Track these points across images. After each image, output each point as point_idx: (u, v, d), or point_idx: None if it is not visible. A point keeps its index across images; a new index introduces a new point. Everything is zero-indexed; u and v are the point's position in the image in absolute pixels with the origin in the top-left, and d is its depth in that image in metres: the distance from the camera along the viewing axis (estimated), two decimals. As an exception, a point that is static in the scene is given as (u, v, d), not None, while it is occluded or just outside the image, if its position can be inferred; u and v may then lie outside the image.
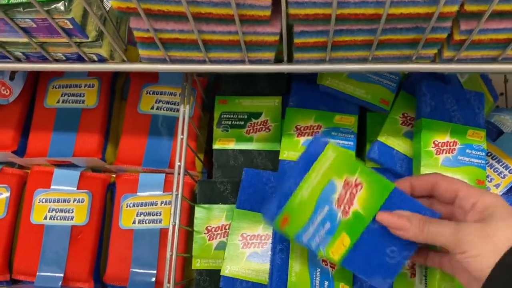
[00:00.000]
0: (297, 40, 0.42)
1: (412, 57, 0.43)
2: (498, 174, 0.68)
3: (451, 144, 0.58)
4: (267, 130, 0.67)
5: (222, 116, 0.68)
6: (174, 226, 0.51)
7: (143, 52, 0.45)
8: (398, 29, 0.40)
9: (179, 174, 0.52)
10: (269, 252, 0.56)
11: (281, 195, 0.47)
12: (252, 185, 0.60)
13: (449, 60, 0.43)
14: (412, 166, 0.61)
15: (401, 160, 0.62)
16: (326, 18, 0.38)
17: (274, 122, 0.67)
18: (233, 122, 0.68)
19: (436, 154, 0.58)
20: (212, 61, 0.46)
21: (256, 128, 0.68)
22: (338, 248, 0.46)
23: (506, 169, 0.68)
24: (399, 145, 0.62)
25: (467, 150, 0.59)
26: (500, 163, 0.69)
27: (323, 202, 0.46)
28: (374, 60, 0.44)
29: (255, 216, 0.59)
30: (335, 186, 0.46)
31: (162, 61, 0.46)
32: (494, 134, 0.72)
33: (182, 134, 0.53)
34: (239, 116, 0.68)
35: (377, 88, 0.64)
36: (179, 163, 0.52)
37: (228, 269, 0.57)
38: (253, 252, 0.57)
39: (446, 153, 0.58)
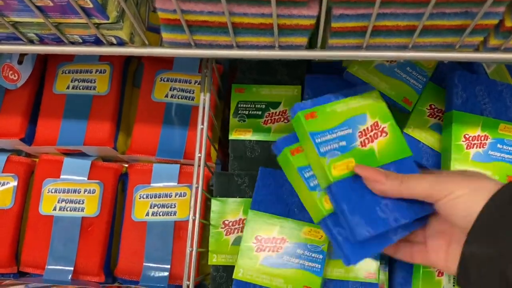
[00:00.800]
0: (334, 24, 0.39)
1: (456, 45, 0.40)
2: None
3: (482, 138, 0.56)
4: (286, 121, 0.65)
5: (239, 106, 0.65)
6: (194, 220, 0.49)
7: (166, 36, 0.42)
8: (446, 14, 0.37)
9: (199, 166, 0.50)
10: (284, 257, 0.54)
11: (319, 99, 0.49)
12: (267, 185, 0.57)
13: (495, 49, 0.41)
14: (439, 160, 0.59)
15: (427, 153, 0.59)
16: (369, 1, 0.36)
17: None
18: (250, 112, 0.65)
19: (466, 149, 0.55)
20: (240, 47, 0.43)
21: (274, 119, 0.65)
22: (341, 167, 0.46)
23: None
24: (426, 138, 0.60)
25: (498, 145, 0.56)
26: None
27: (349, 124, 0.48)
28: (414, 48, 0.41)
29: (270, 218, 0.55)
30: (366, 120, 0.49)
31: (186, 45, 0.43)
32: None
33: (203, 123, 0.51)
34: (256, 106, 0.65)
35: (403, 86, 0.61)
36: (199, 155, 0.50)
37: (241, 273, 0.54)
38: (267, 256, 0.54)
39: (477, 147, 0.55)
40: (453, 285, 0.54)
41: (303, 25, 0.39)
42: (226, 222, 0.59)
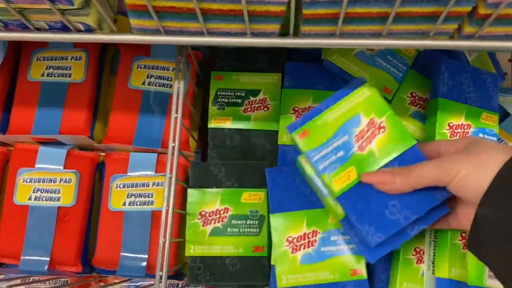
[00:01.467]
0: (305, 11, 0.38)
1: (430, 33, 0.40)
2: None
3: (465, 127, 0.55)
4: (266, 109, 0.64)
5: (218, 93, 0.64)
6: (167, 210, 0.48)
7: (134, 22, 0.40)
8: (418, 1, 0.36)
9: (173, 154, 0.49)
10: (321, 249, 0.52)
11: (308, 114, 0.49)
12: (278, 184, 0.55)
13: (470, 37, 0.40)
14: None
15: None
16: (340, -13, 0.35)
17: (273, 100, 0.64)
18: (229, 100, 0.64)
19: (450, 137, 0.55)
20: (211, 33, 0.42)
21: (254, 107, 0.64)
22: (342, 179, 0.46)
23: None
24: (406, 126, 0.59)
25: (480, 134, 0.56)
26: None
27: (343, 131, 0.47)
28: (388, 36, 0.40)
29: (294, 215, 0.54)
30: (360, 121, 0.47)
31: (156, 32, 0.42)
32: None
33: (177, 112, 0.49)
34: (236, 94, 0.64)
35: (383, 74, 0.60)
36: (173, 144, 0.49)
37: (285, 280, 0.52)
38: (305, 253, 0.52)
39: (460, 136, 0.55)
40: (433, 272, 0.54)
41: (274, 12, 0.38)
42: (203, 212, 0.58)
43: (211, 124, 0.63)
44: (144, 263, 0.60)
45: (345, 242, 0.52)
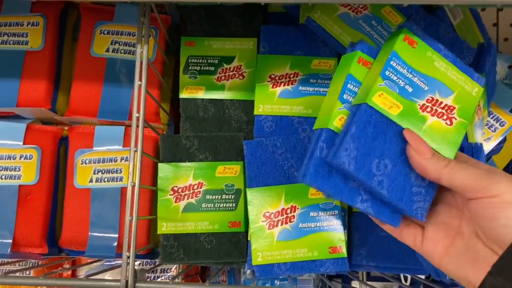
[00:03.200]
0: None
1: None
2: (489, 128, 0.63)
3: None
4: (241, 77, 0.60)
5: (190, 61, 0.60)
6: (133, 186, 0.44)
7: (84, -25, 0.36)
8: None
9: (137, 126, 0.45)
10: (300, 225, 0.49)
11: (431, 40, 0.43)
12: (257, 157, 0.52)
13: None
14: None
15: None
16: None
17: (248, 67, 0.60)
18: (202, 68, 0.60)
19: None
20: (173, -12, 0.37)
21: (229, 75, 0.60)
22: (385, 101, 0.41)
23: (497, 122, 0.63)
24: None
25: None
26: (491, 115, 0.64)
27: (430, 82, 0.42)
28: (369, -11, 0.36)
29: (272, 190, 0.51)
30: (448, 95, 0.43)
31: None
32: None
33: (140, 79, 0.45)
34: (208, 61, 0.60)
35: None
36: (137, 114, 0.45)
37: (260, 256, 0.49)
38: (282, 230, 0.50)
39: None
40: None
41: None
42: (175, 188, 0.54)
43: (183, 94, 0.59)
44: (115, 243, 0.57)
45: (324, 218, 0.49)
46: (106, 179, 0.58)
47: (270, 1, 0.37)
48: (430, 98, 0.42)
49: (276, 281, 0.79)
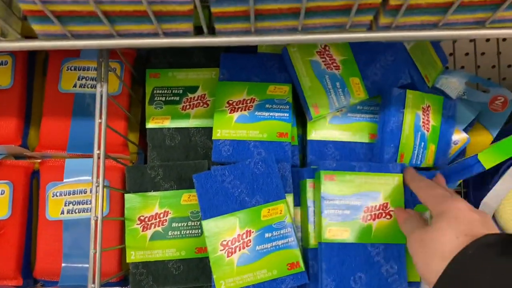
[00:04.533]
0: (214, 9, 0.36)
1: (346, 26, 0.39)
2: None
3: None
4: (205, 106, 0.62)
5: (155, 92, 0.62)
6: (96, 220, 0.46)
7: (37, 27, 0.38)
8: (326, -5, 0.35)
9: (98, 159, 0.47)
10: (257, 248, 0.51)
11: (345, 164, 0.54)
12: (208, 189, 0.54)
13: (387, 28, 0.39)
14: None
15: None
16: (243, -16, 0.33)
17: (212, 96, 0.62)
18: (167, 98, 0.62)
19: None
20: (121, 35, 0.40)
21: (193, 104, 0.62)
22: (336, 233, 0.52)
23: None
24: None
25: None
26: None
27: (361, 197, 0.53)
28: (305, 30, 0.39)
29: (226, 218, 0.52)
30: (377, 199, 0.53)
31: (63, 36, 0.39)
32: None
33: (100, 117, 0.47)
34: (173, 91, 0.63)
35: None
36: (98, 151, 0.47)
37: (223, 285, 0.50)
38: (241, 255, 0.51)
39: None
40: None
41: (182, 11, 0.36)
42: (142, 217, 0.56)
43: (149, 124, 0.61)
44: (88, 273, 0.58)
45: (279, 237, 0.51)
46: (77, 211, 0.59)
47: (209, 45, 0.39)
48: (366, 208, 0.53)
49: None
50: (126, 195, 0.56)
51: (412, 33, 0.39)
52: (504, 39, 0.93)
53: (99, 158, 0.47)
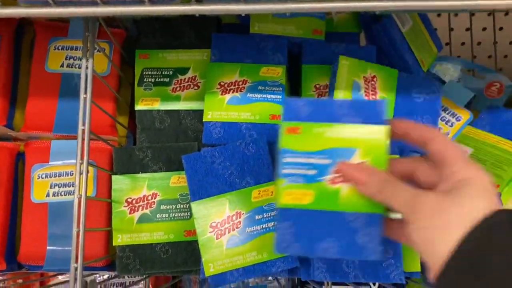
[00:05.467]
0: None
1: (339, -6, 0.37)
2: (446, 123, 0.65)
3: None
4: (196, 88, 0.61)
5: (144, 73, 0.61)
6: (79, 198, 0.45)
7: (17, -8, 0.37)
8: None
9: (83, 139, 0.45)
10: (247, 229, 0.50)
11: (313, 114, 0.41)
12: (197, 170, 0.53)
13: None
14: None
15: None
16: None
17: (203, 78, 0.61)
18: (157, 80, 0.61)
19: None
20: (106, 3, 0.38)
21: (184, 86, 0.61)
22: (295, 196, 0.41)
23: (453, 117, 0.66)
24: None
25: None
26: (447, 112, 0.66)
27: (331, 154, 0.41)
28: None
29: (215, 199, 0.51)
30: (352, 156, 0.41)
31: (44, 3, 0.38)
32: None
33: (85, 93, 0.46)
34: (163, 73, 0.61)
35: (307, 20, 0.59)
36: (82, 127, 0.45)
37: (212, 267, 0.50)
38: (230, 237, 0.50)
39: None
40: None
41: (167, -25, 0.35)
42: (129, 200, 0.55)
43: (138, 106, 0.60)
44: (73, 256, 0.57)
45: (270, 219, 0.50)
46: (63, 193, 0.58)
47: (198, 12, 0.38)
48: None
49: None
50: (113, 176, 0.55)
51: (424, 2, 0.37)
52: (500, 28, 0.92)
53: (83, 134, 0.45)
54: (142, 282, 0.74)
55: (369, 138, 0.41)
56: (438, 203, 0.33)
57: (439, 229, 0.32)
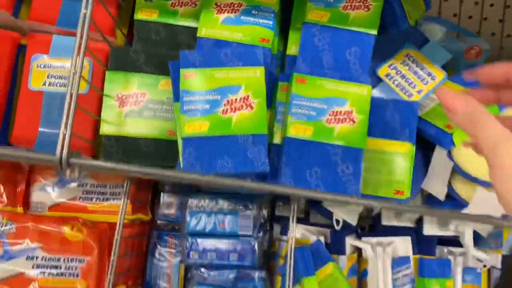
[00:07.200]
0: None
1: None
2: (422, 81, 0.70)
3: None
4: (193, 5, 0.65)
5: (147, -16, 0.64)
6: (74, 74, 0.49)
7: None
8: None
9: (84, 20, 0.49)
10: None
11: (205, 62, 0.56)
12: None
13: None
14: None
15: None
16: None
17: (202, -3, 0.64)
18: (158, -8, 0.64)
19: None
20: None
21: (182, 2, 0.65)
22: (195, 127, 0.55)
23: (429, 76, 0.70)
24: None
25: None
26: (424, 70, 0.70)
27: (221, 91, 0.56)
28: None
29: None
30: (238, 91, 0.56)
31: None
32: (420, 41, 0.73)
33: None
34: (165, -14, 0.65)
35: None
36: (84, 11, 0.49)
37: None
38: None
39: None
40: None
41: None
42: (120, 95, 0.59)
43: (138, 16, 0.64)
44: (61, 142, 0.61)
45: None
46: (58, 84, 0.62)
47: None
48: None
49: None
50: (108, 72, 0.59)
51: None
52: (491, 5, 0.96)
53: (85, 18, 0.49)
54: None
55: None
56: None
57: None
